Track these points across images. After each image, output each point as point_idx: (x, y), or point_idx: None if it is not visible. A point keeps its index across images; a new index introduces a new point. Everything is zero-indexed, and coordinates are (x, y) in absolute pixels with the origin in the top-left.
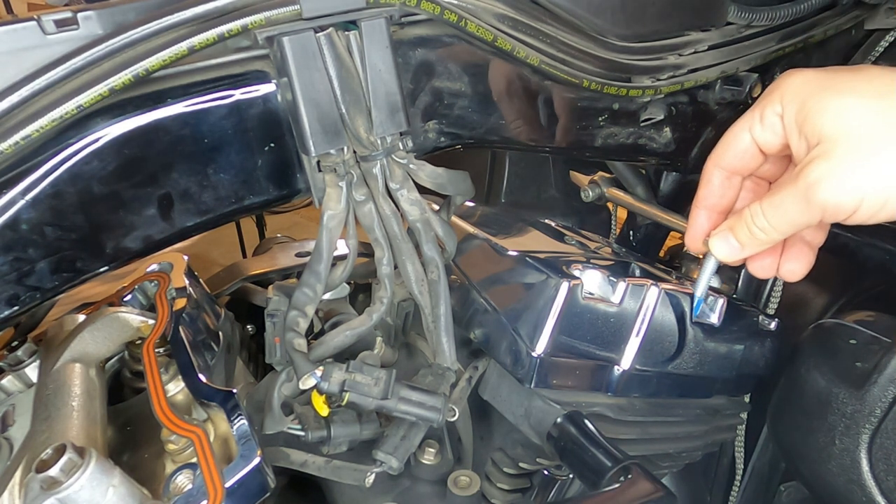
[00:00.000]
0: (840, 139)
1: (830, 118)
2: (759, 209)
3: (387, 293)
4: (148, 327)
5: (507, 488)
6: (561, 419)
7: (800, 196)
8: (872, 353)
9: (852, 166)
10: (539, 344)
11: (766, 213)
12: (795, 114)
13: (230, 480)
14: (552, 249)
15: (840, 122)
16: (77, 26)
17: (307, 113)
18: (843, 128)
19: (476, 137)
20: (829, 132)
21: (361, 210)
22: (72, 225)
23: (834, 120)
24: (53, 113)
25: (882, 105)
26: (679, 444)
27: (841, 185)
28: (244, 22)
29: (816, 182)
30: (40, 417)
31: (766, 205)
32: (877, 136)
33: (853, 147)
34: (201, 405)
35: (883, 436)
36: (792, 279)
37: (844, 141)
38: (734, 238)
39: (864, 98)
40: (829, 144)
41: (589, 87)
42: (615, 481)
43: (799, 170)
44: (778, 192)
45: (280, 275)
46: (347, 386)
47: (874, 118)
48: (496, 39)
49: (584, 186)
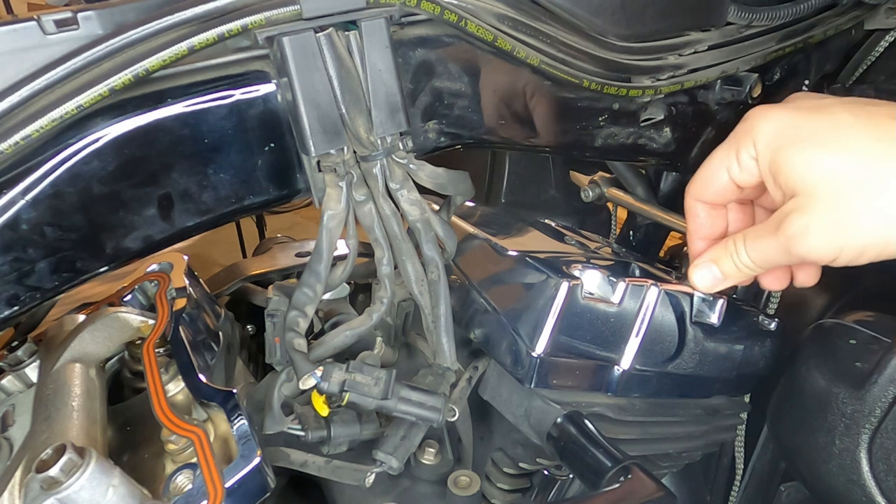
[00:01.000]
0: (813, 194)
1: (801, 173)
2: (743, 248)
3: (387, 293)
4: (148, 327)
5: (507, 488)
6: (561, 419)
7: (780, 246)
8: (872, 353)
9: (827, 221)
10: (539, 344)
11: (750, 252)
12: (769, 164)
13: (230, 480)
14: (552, 249)
15: (811, 178)
16: (77, 26)
17: (307, 113)
18: (814, 183)
19: (476, 137)
20: (801, 187)
21: (361, 210)
22: (72, 225)
23: (805, 175)
24: (53, 113)
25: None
26: (679, 444)
27: (818, 239)
28: (244, 22)
29: (794, 236)
30: (40, 417)
31: (750, 246)
32: (847, 189)
33: (825, 202)
34: (201, 405)
35: (883, 436)
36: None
37: (817, 196)
38: (718, 269)
39: (833, 152)
40: (804, 199)
41: (589, 87)
42: (615, 481)
43: (778, 220)
44: (759, 236)
45: (280, 275)
46: (347, 386)
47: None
48: (496, 39)
49: (584, 186)
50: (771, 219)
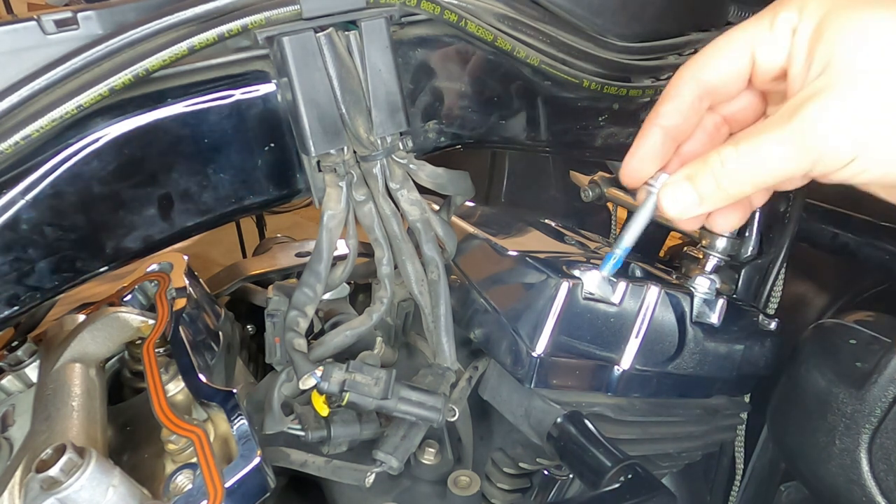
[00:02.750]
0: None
1: (851, 41)
2: (734, 152)
3: (387, 293)
4: (148, 327)
5: (507, 488)
6: (561, 419)
7: (793, 138)
8: (872, 353)
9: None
10: (539, 344)
11: (743, 157)
12: (813, 29)
13: (230, 480)
14: (552, 249)
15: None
16: (77, 26)
17: (307, 113)
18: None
19: (476, 137)
20: (842, 59)
21: (361, 210)
22: (72, 225)
23: (853, 42)
24: (53, 113)
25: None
26: (679, 444)
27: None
28: (244, 22)
29: (817, 122)
30: (40, 417)
31: (745, 148)
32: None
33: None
34: (201, 405)
35: (883, 436)
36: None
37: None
38: (694, 190)
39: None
40: (839, 75)
41: (589, 87)
42: (615, 481)
43: (795, 106)
44: (761, 131)
45: (280, 275)
46: (347, 386)
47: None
48: (496, 39)
49: (584, 186)
50: (781, 109)
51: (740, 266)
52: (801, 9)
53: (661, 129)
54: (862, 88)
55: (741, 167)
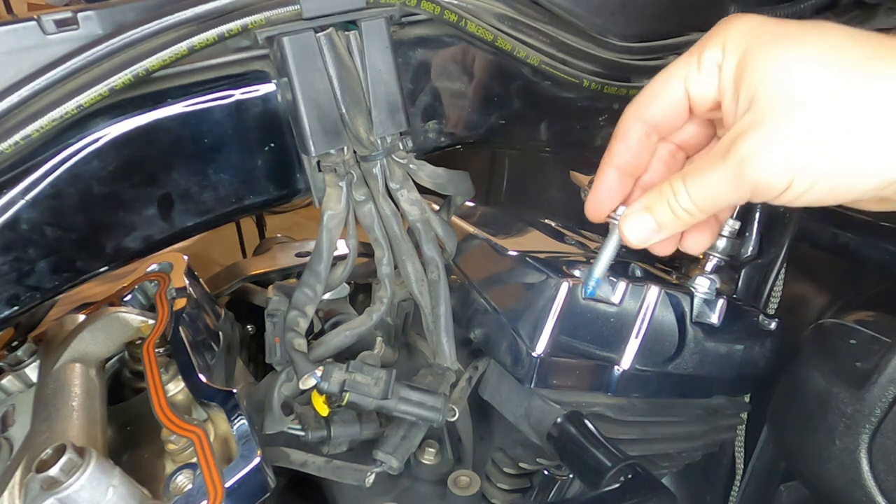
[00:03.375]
0: (775, 104)
1: (768, 77)
2: (682, 186)
3: (387, 293)
4: (148, 327)
5: (507, 488)
6: (561, 419)
7: (729, 173)
8: (872, 353)
9: (786, 134)
10: (539, 344)
11: (691, 190)
12: (735, 65)
13: (230, 480)
14: (552, 249)
15: (778, 83)
16: (77, 26)
17: (307, 113)
18: (781, 90)
19: (476, 137)
20: (764, 93)
21: (361, 210)
22: (72, 225)
23: (772, 79)
24: (53, 113)
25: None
26: (679, 444)
27: (772, 158)
28: (244, 22)
29: (748, 157)
30: (40, 417)
31: (691, 182)
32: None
33: (789, 113)
34: (201, 405)
35: (883, 436)
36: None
37: (780, 106)
38: (652, 219)
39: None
40: (763, 109)
41: (589, 87)
42: (615, 481)
43: (729, 142)
44: (704, 167)
45: (280, 275)
46: (347, 386)
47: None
48: (496, 39)
49: (584, 186)
50: (719, 144)
51: (740, 266)
52: (724, 47)
53: (615, 168)
54: (786, 121)
55: (691, 198)
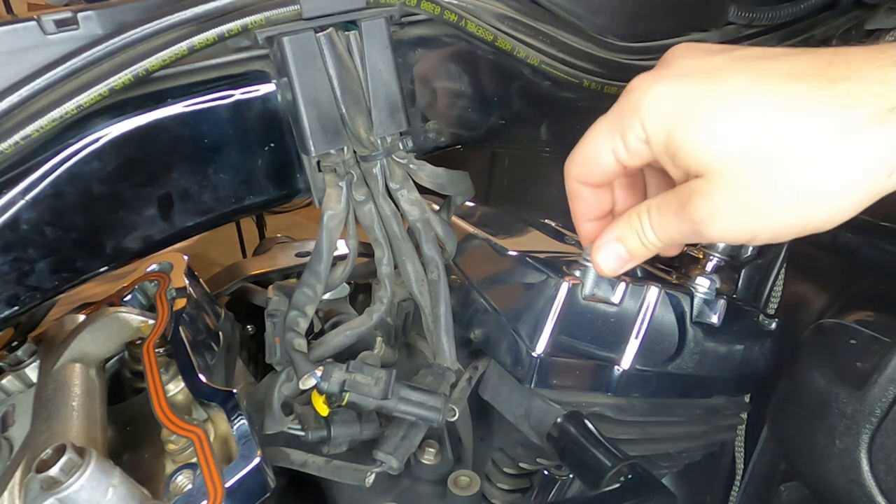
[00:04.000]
0: (717, 176)
1: (701, 154)
2: (649, 224)
3: (387, 293)
4: (148, 327)
5: (507, 488)
6: (561, 419)
7: (686, 229)
8: (872, 353)
9: (735, 203)
10: (539, 344)
11: (657, 231)
12: (665, 146)
13: (230, 480)
14: (552, 249)
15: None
16: (77, 26)
17: (307, 113)
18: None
19: (476, 137)
20: (704, 169)
21: (361, 210)
22: (72, 225)
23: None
24: (53, 113)
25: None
26: (679, 444)
27: (729, 224)
28: (244, 22)
29: (703, 221)
30: (40, 417)
31: (656, 224)
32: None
33: (731, 183)
34: (201, 405)
35: (883, 436)
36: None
37: (721, 177)
38: (624, 249)
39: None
40: (708, 181)
41: (589, 87)
42: (615, 481)
43: (683, 200)
44: (664, 214)
45: (280, 275)
46: (347, 386)
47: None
48: (496, 39)
49: None
50: (674, 196)
51: (740, 266)
52: (643, 126)
53: (584, 218)
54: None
55: (657, 235)
